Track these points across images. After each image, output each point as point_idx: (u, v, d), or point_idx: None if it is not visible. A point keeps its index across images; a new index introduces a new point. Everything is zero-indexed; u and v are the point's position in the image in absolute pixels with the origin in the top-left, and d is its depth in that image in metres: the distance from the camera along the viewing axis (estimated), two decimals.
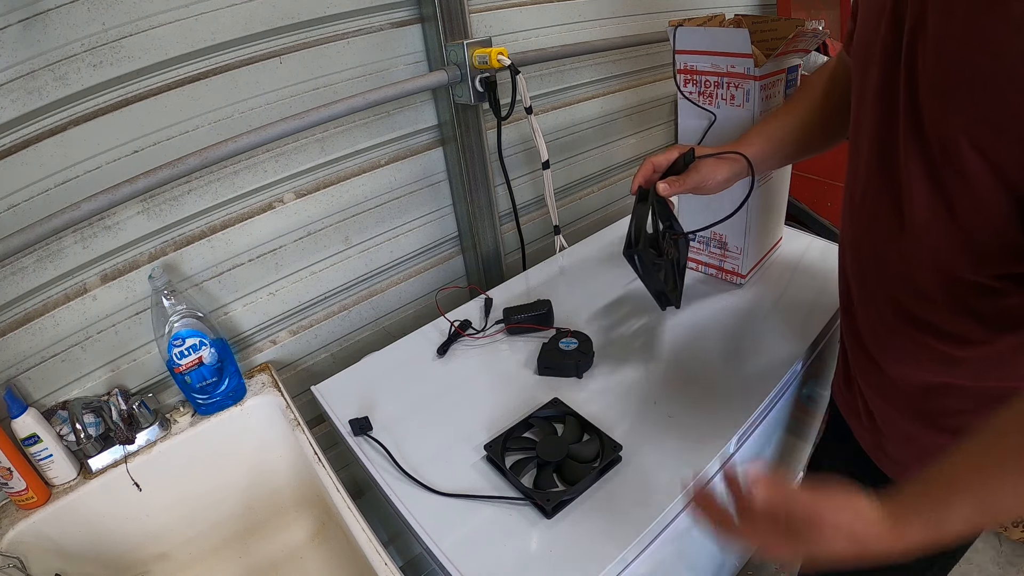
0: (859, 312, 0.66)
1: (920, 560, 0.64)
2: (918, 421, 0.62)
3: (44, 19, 0.67)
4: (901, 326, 0.59)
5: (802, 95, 0.79)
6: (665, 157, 0.76)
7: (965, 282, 0.51)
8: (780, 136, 0.78)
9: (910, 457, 0.65)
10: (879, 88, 0.53)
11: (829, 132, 0.77)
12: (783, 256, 1.11)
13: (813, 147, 0.80)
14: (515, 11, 1.07)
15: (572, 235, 1.34)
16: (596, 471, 0.69)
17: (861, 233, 0.61)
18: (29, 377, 0.78)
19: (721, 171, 0.75)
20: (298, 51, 0.85)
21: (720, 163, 0.76)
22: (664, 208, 0.84)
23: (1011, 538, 1.39)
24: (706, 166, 0.75)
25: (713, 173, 0.75)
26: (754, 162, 0.76)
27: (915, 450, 0.64)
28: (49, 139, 0.71)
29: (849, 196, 0.63)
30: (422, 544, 0.66)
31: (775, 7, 1.62)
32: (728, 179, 0.76)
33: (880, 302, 0.61)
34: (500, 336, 0.97)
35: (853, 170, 0.62)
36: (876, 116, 0.54)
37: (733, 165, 0.76)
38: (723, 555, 1.09)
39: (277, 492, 0.93)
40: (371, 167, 1.00)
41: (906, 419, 0.63)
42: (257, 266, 0.93)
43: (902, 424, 0.64)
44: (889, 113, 0.52)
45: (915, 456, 0.64)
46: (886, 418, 0.66)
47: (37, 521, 0.74)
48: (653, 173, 0.77)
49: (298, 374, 1.04)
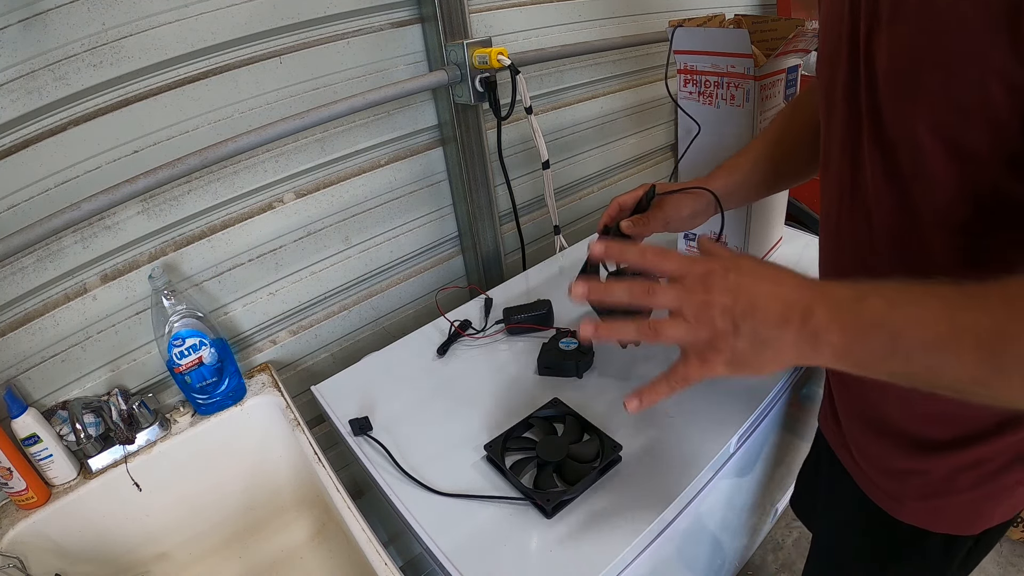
0: None
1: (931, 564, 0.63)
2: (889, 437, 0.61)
3: (44, 19, 0.67)
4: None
5: (769, 128, 0.78)
6: (631, 195, 0.75)
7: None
8: (747, 168, 0.76)
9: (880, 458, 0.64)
10: (845, 89, 0.51)
11: (797, 160, 0.75)
12: (783, 256, 1.11)
13: (783, 176, 0.77)
14: (515, 11, 1.07)
15: (572, 235, 1.34)
16: (596, 471, 0.69)
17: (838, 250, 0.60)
18: (29, 377, 0.78)
19: (685, 207, 0.74)
20: (298, 51, 0.85)
21: (684, 198, 0.74)
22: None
23: (1012, 538, 1.39)
24: (669, 203, 0.74)
25: (677, 210, 0.73)
26: (720, 196, 0.74)
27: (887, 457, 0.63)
28: (49, 139, 0.71)
29: (825, 215, 0.61)
30: (422, 544, 0.66)
31: (775, 7, 1.62)
32: (693, 214, 0.74)
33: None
34: (500, 336, 0.97)
35: (825, 188, 0.60)
36: (843, 118, 0.52)
37: (697, 200, 0.74)
38: (723, 555, 1.10)
39: (277, 492, 0.93)
40: (371, 167, 1.00)
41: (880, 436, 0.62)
42: (257, 266, 0.93)
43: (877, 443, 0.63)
44: (855, 114, 0.50)
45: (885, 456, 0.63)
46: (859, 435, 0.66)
47: (37, 521, 0.74)
48: (619, 212, 0.75)
49: (298, 374, 1.04)
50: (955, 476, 0.57)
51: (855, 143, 0.51)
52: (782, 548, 1.45)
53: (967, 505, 0.58)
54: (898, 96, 0.44)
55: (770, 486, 1.13)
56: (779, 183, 0.79)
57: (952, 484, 0.57)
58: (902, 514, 0.63)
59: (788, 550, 1.44)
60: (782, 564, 1.41)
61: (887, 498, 0.64)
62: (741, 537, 1.18)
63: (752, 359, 0.43)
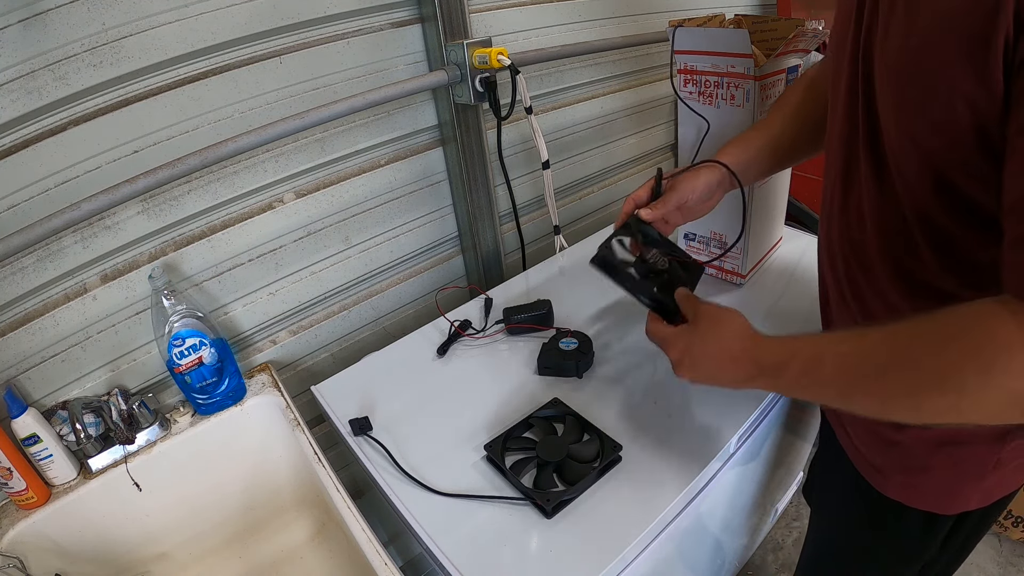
0: (832, 308, 0.67)
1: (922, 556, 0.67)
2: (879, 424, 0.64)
3: (44, 19, 0.67)
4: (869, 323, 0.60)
5: (784, 101, 0.78)
6: (643, 189, 0.76)
7: (928, 288, 0.52)
8: (761, 143, 0.77)
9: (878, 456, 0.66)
10: (847, 87, 0.54)
11: (810, 137, 0.76)
12: (783, 256, 1.11)
13: (798, 151, 0.78)
14: (515, 11, 1.07)
15: (572, 235, 1.34)
16: (596, 471, 0.69)
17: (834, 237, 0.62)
18: (29, 377, 0.78)
19: (699, 181, 0.74)
20: (298, 51, 0.85)
21: (696, 173, 0.75)
22: (656, 239, 0.76)
23: (1011, 538, 1.39)
24: (681, 181, 0.75)
25: (692, 187, 0.74)
26: (735, 170, 0.75)
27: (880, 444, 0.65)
28: (49, 139, 0.71)
29: (824, 197, 0.64)
30: (422, 544, 0.66)
31: (775, 7, 1.62)
32: (708, 190, 0.75)
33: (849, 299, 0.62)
34: (500, 336, 0.97)
35: (827, 175, 0.63)
36: (844, 114, 0.55)
37: (709, 173, 0.74)
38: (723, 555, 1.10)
39: (277, 492, 0.93)
40: (371, 167, 1.00)
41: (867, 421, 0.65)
42: (257, 266, 0.93)
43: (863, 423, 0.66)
44: (853, 111, 0.54)
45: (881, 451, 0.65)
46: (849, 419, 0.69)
47: (37, 521, 0.74)
48: (635, 207, 0.76)
49: (298, 374, 1.04)
50: (932, 452, 0.60)
51: (852, 136, 0.55)
52: (782, 548, 1.45)
53: (943, 483, 0.61)
54: (886, 103, 0.48)
55: (770, 486, 1.13)
56: (794, 156, 0.80)
57: (929, 460, 0.61)
58: (887, 488, 0.65)
59: (788, 550, 1.44)
60: (782, 564, 1.41)
61: (874, 471, 0.67)
62: (741, 537, 1.18)
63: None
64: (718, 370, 0.61)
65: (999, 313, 0.40)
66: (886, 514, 0.67)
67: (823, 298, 0.71)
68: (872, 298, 0.58)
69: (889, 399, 0.46)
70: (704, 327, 0.62)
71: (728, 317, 0.62)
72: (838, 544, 0.81)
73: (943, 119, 0.43)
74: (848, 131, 0.55)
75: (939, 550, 0.68)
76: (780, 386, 0.57)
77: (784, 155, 0.78)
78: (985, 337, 0.40)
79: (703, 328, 0.62)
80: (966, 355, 0.41)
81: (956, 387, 0.41)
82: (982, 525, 0.67)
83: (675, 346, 0.64)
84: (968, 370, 0.40)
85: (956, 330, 0.42)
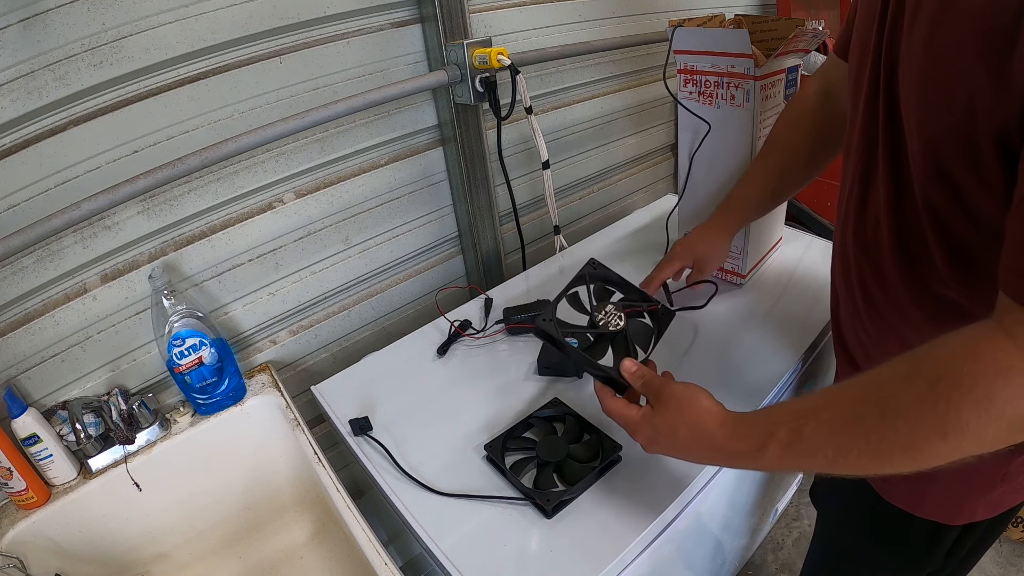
0: (843, 319, 0.67)
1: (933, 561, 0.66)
2: None
3: (44, 19, 0.67)
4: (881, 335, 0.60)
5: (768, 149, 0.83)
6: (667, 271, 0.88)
7: (941, 299, 0.52)
8: (756, 196, 0.85)
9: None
10: (869, 88, 0.54)
11: (800, 174, 0.83)
12: (783, 256, 1.11)
13: (789, 189, 0.86)
14: (515, 11, 1.07)
15: (572, 235, 1.34)
16: (596, 471, 0.69)
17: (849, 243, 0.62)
18: (29, 377, 0.78)
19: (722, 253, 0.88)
20: (298, 51, 0.85)
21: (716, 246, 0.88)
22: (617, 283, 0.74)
23: (1012, 538, 1.39)
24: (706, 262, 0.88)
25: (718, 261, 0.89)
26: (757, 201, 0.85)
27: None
28: (49, 139, 0.71)
29: (841, 208, 0.64)
30: (422, 544, 0.66)
31: (775, 7, 1.62)
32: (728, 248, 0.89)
33: (861, 309, 0.62)
34: (500, 336, 0.97)
35: (843, 181, 0.62)
36: (865, 116, 0.55)
37: (728, 239, 0.87)
38: (723, 555, 1.10)
39: (277, 492, 0.93)
40: (371, 167, 1.00)
41: None
42: (257, 266, 0.93)
43: None
44: (874, 113, 0.53)
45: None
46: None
47: (37, 521, 0.74)
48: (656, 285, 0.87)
49: (298, 374, 1.04)
50: None
51: (871, 143, 0.54)
52: (782, 548, 1.45)
53: (950, 494, 0.61)
54: (909, 108, 0.48)
55: (770, 486, 1.13)
56: (784, 196, 0.89)
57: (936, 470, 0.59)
58: (893, 496, 0.65)
59: (788, 550, 1.44)
60: (782, 564, 1.41)
61: (880, 479, 0.66)
62: (741, 537, 1.18)
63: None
64: (695, 457, 0.58)
65: (991, 337, 0.39)
66: (892, 522, 0.66)
67: (834, 309, 0.71)
68: (886, 308, 0.58)
69: (884, 457, 0.43)
70: (672, 414, 0.58)
71: (693, 402, 0.57)
72: (843, 550, 0.80)
73: (963, 121, 0.42)
74: (867, 140, 0.55)
75: (945, 560, 0.67)
76: (762, 465, 0.52)
77: (778, 197, 0.88)
78: (978, 369, 0.38)
79: (671, 415, 0.58)
80: (962, 394, 0.38)
81: (956, 429, 0.39)
82: (989, 536, 0.66)
83: (640, 432, 0.60)
84: (966, 409, 0.38)
85: (945, 369, 0.40)
